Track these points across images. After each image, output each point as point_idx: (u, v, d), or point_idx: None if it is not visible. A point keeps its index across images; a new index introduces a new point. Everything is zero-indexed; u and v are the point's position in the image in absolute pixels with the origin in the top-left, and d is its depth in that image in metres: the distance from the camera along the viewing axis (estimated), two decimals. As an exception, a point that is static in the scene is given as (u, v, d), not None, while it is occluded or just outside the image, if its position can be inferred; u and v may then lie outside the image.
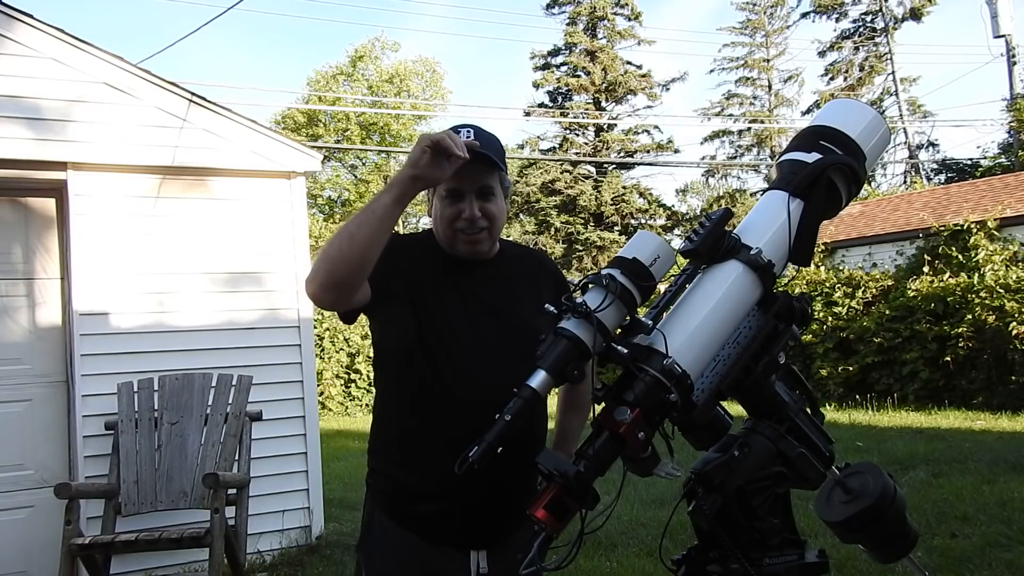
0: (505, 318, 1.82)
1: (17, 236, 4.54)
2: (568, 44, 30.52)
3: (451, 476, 1.67)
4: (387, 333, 1.85)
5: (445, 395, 1.78)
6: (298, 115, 32.12)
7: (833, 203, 1.53)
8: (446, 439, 1.70)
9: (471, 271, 1.85)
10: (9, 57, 4.28)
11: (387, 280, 1.74)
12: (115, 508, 4.17)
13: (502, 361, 1.74)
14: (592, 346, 1.36)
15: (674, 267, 1.57)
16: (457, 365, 1.78)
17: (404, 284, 1.78)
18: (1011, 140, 24.42)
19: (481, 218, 1.77)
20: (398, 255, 1.75)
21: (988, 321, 9.08)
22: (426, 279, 1.81)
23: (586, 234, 28.87)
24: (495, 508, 1.79)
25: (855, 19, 31.67)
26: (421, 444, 1.80)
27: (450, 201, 1.77)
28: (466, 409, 1.74)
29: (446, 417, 1.76)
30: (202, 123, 4.74)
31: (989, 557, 4.02)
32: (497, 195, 1.81)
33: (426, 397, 1.79)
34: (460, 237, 1.78)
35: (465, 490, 1.71)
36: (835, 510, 1.43)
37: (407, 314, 1.78)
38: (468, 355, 1.78)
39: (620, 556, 4.47)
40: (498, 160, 1.77)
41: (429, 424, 1.79)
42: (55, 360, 4.56)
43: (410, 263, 1.81)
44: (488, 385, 1.71)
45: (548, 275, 1.99)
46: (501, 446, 1.32)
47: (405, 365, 1.81)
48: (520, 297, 1.86)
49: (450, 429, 1.73)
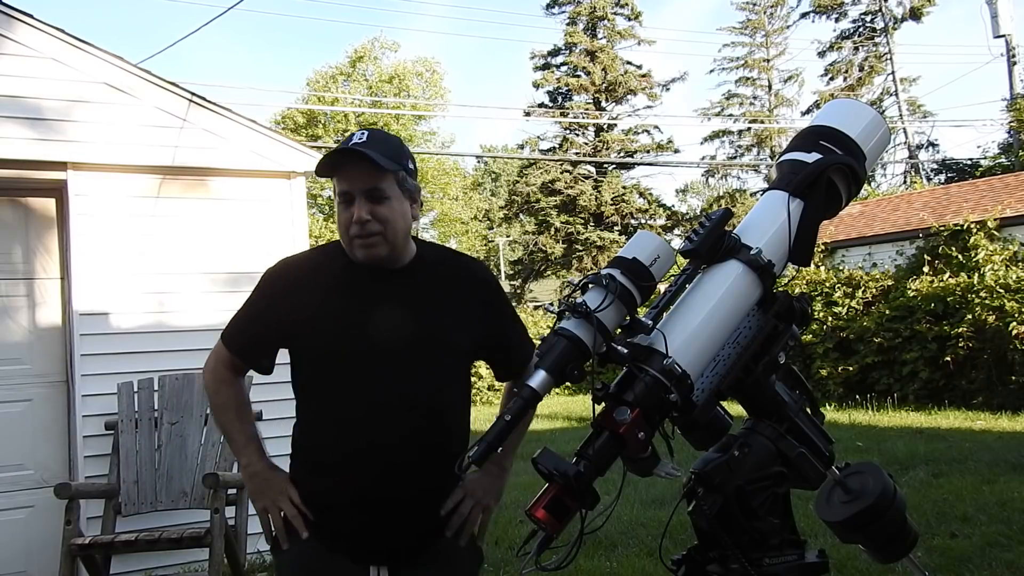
0: (409, 327, 1.77)
1: (17, 236, 4.54)
2: (568, 44, 30.53)
3: (346, 488, 1.73)
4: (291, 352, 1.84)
5: (341, 406, 1.77)
6: (298, 115, 32.11)
7: (833, 203, 1.53)
8: (342, 452, 1.76)
9: (376, 278, 1.79)
10: (9, 57, 4.28)
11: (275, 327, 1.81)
12: (115, 508, 4.16)
13: (401, 371, 1.75)
14: (592, 346, 1.36)
15: (674, 267, 1.57)
16: (354, 377, 1.75)
17: (296, 312, 1.78)
18: (1011, 140, 24.43)
19: (372, 221, 1.71)
20: (280, 292, 1.81)
21: (988, 321, 9.08)
22: (322, 294, 1.79)
23: (586, 234, 28.87)
24: (396, 524, 1.75)
25: (855, 19, 31.71)
26: (322, 454, 1.80)
27: (344, 206, 1.73)
28: (359, 420, 1.74)
29: (340, 428, 1.76)
30: (202, 123, 4.74)
31: (989, 557, 4.02)
32: (392, 197, 1.74)
33: (324, 408, 1.79)
34: (355, 242, 1.74)
35: (361, 503, 1.74)
36: (835, 510, 1.43)
37: (302, 333, 1.79)
38: (364, 366, 1.75)
39: (620, 556, 4.47)
40: (387, 161, 1.71)
41: (327, 435, 1.79)
42: (55, 360, 4.56)
43: (296, 290, 1.80)
44: (385, 395, 1.74)
45: (476, 284, 1.90)
46: (501, 445, 1.32)
47: (306, 378, 1.81)
48: (430, 306, 1.81)
49: (345, 441, 1.75)
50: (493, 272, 1.96)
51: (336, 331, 1.77)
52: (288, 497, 1.77)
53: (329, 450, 1.78)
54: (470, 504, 1.83)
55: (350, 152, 1.71)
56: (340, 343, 1.76)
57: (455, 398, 1.84)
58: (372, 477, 1.73)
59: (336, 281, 1.80)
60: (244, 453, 1.85)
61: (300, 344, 1.80)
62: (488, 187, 45.30)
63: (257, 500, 1.82)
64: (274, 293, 1.82)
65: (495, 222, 40.75)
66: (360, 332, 1.76)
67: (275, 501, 1.78)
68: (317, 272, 1.83)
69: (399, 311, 1.78)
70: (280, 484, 1.79)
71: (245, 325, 1.86)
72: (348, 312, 1.78)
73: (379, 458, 1.72)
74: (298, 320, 1.78)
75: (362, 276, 1.79)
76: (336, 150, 1.74)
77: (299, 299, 1.79)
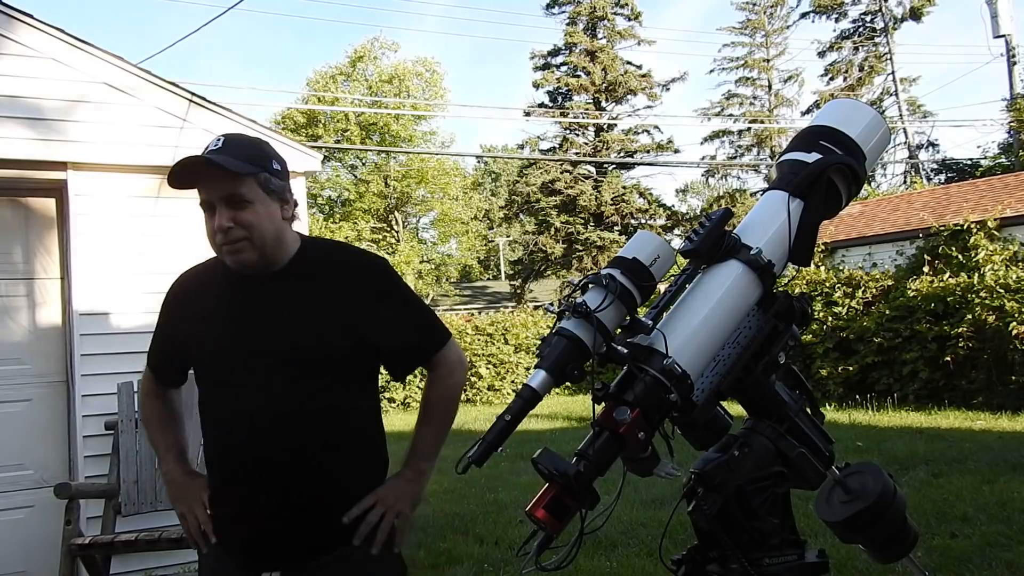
0: (278, 334, 1.73)
1: (17, 236, 4.53)
2: (568, 44, 30.51)
3: (229, 497, 1.77)
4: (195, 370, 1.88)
5: (218, 418, 1.80)
6: (298, 115, 32.12)
7: (833, 203, 1.53)
8: (223, 464, 1.80)
9: (251, 286, 1.77)
10: (9, 57, 4.28)
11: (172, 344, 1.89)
12: (115, 508, 4.16)
13: (271, 379, 1.71)
14: (592, 346, 1.36)
15: (674, 267, 1.57)
16: (228, 388, 1.76)
17: (183, 327, 1.85)
18: (1011, 140, 24.44)
19: (235, 228, 1.67)
20: (173, 308, 1.88)
21: (988, 321, 9.07)
22: (205, 305, 1.82)
23: (586, 234, 28.86)
24: (279, 532, 1.72)
25: (855, 19, 31.73)
26: (213, 466, 1.84)
27: (208, 216, 1.71)
28: (233, 432, 1.75)
29: (219, 440, 1.79)
30: (202, 123, 4.73)
31: (989, 557, 4.02)
32: (256, 201, 1.69)
33: (209, 416, 1.82)
34: (223, 250, 1.71)
35: (242, 513, 1.75)
36: (835, 510, 1.43)
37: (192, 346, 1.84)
38: (236, 376, 1.74)
39: (620, 556, 4.47)
40: (243, 165, 1.67)
41: (212, 447, 1.83)
42: (55, 360, 4.56)
43: (183, 305, 1.86)
44: (255, 405, 1.72)
45: (361, 278, 1.81)
46: (501, 445, 1.32)
47: (200, 390, 1.85)
48: (306, 309, 1.75)
49: (224, 454, 1.78)
50: (386, 263, 1.92)
51: (211, 343, 1.78)
52: (202, 503, 1.82)
53: (216, 462, 1.83)
54: (380, 511, 1.76)
55: (198, 161, 1.67)
56: (215, 355, 1.78)
57: (339, 401, 1.75)
58: (248, 487, 1.72)
59: (215, 293, 1.81)
60: (164, 460, 1.94)
61: (189, 357, 1.86)
62: (488, 187, 45.31)
63: (175, 505, 1.87)
64: (169, 310, 1.90)
65: (495, 222, 40.77)
66: (231, 342, 1.75)
67: (190, 507, 1.82)
68: (202, 285, 1.86)
69: (269, 318, 1.75)
70: (195, 490, 1.84)
71: (153, 343, 1.96)
72: (222, 324, 1.77)
73: (253, 469, 1.71)
74: (186, 335, 1.84)
75: (238, 285, 1.77)
76: (184, 160, 1.69)
77: (186, 314, 1.84)
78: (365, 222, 32.26)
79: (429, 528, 5.44)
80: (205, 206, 1.71)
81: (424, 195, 35.02)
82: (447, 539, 5.12)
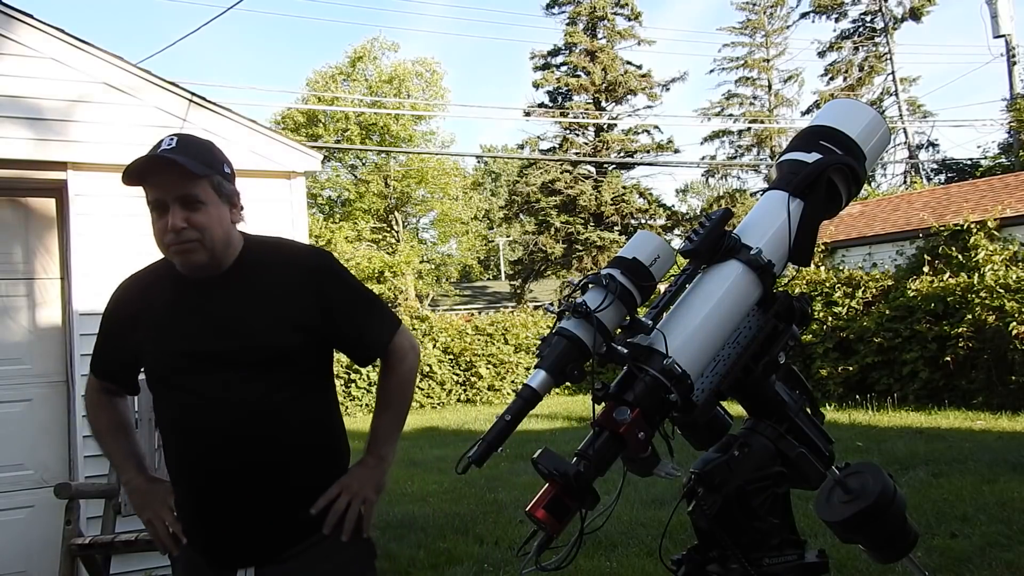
0: (224, 334, 1.75)
1: (17, 236, 4.53)
2: (568, 44, 30.51)
3: (189, 498, 1.79)
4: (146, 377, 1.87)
5: (178, 418, 1.78)
6: (298, 115, 32.13)
7: (833, 203, 1.53)
8: (178, 465, 1.82)
9: (197, 287, 1.78)
10: (9, 57, 4.28)
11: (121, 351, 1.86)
12: (115, 508, 4.16)
13: (219, 379, 1.72)
14: (592, 346, 1.36)
15: (674, 267, 1.57)
16: (178, 390, 1.76)
17: (133, 334, 1.83)
18: (1011, 140, 24.45)
19: (188, 228, 1.68)
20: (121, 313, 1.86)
21: (988, 321, 9.07)
22: (154, 309, 1.80)
23: (586, 234, 28.86)
24: (242, 528, 1.75)
25: (855, 19, 31.73)
26: (171, 468, 1.85)
27: (157, 215, 1.71)
28: (184, 433, 1.77)
29: (174, 442, 1.81)
30: (202, 123, 4.73)
31: (989, 557, 4.02)
32: (208, 203, 1.71)
33: (165, 421, 1.83)
34: (172, 250, 1.72)
35: (201, 512, 1.78)
36: (835, 510, 1.43)
37: (144, 351, 1.83)
38: (185, 378, 1.75)
39: (620, 556, 4.47)
40: (200, 166, 1.69)
41: (168, 449, 1.84)
42: (55, 360, 4.56)
43: (130, 311, 1.84)
44: (203, 406, 1.73)
45: (305, 275, 1.81)
46: (501, 445, 1.32)
47: (153, 393, 1.84)
48: (253, 310, 1.77)
49: (179, 455, 1.80)
50: (331, 255, 1.95)
51: (163, 348, 1.78)
52: (168, 507, 1.82)
53: (173, 464, 1.83)
54: (346, 499, 1.80)
55: (158, 159, 1.68)
56: (168, 360, 1.77)
57: (295, 395, 1.77)
58: (213, 489, 1.74)
59: (163, 297, 1.81)
60: (124, 470, 1.92)
61: (140, 363, 1.86)
62: (488, 187, 45.30)
63: (141, 513, 1.86)
64: (116, 317, 1.87)
65: (495, 222, 40.77)
66: (184, 346, 1.76)
67: (156, 512, 1.82)
68: (149, 289, 1.85)
69: (219, 319, 1.76)
70: (160, 495, 1.84)
71: (100, 349, 1.93)
72: (173, 328, 1.78)
73: (216, 471, 1.73)
74: (136, 341, 1.82)
75: (184, 287, 1.79)
76: (144, 157, 1.70)
77: (135, 318, 1.83)
78: (365, 222, 32.26)
79: (429, 528, 5.44)
80: (155, 205, 1.71)
81: (424, 195, 35.04)
82: (447, 539, 5.12)
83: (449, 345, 14.77)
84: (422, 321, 15.01)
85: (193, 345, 1.75)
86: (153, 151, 1.72)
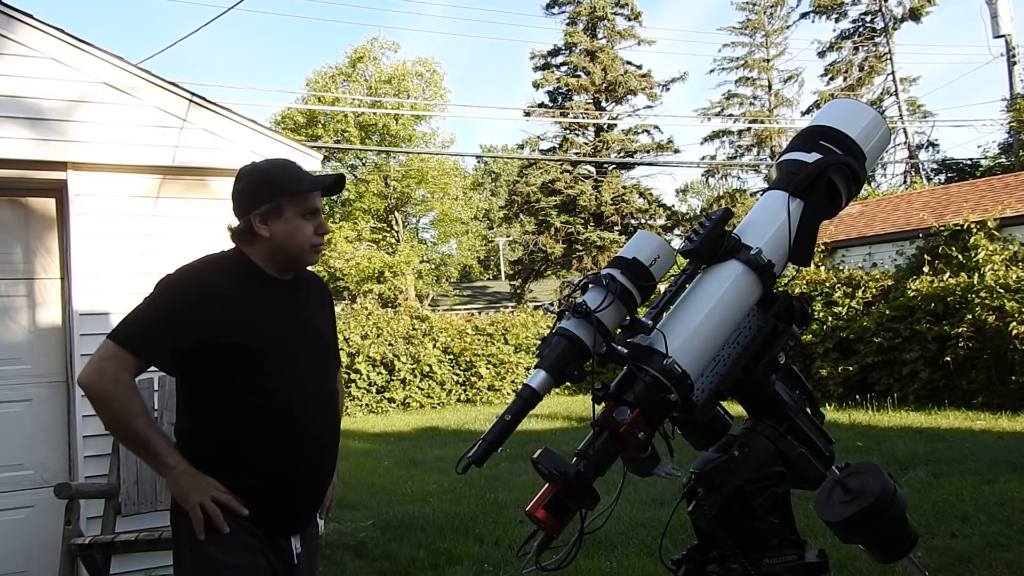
0: (311, 329, 2.09)
1: (17, 236, 4.53)
2: (568, 44, 30.50)
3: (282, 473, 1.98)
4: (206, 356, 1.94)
5: (271, 400, 1.95)
6: (298, 115, 32.11)
7: (833, 203, 1.53)
8: (277, 441, 1.96)
9: (278, 285, 2.05)
10: (9, 57, 4.28)
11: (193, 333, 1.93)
12: (115, 508, 4.16)
13: (313, 364, 2.06)
14: (592, 346, 1.36)
15: (674, 267, 1.57)
16: (280, 373, 1.96)
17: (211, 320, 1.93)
18: (1011, 140, 24.43)
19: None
20: (210, 302, 1.94)
21: (988, 321, 9.07)
22: (234, 301, 1.96)
23: (586, 234, 28.85)
24: (318, 497, 2.09)
25: (855, 19, 31.71)
26: (252, 446, 1.95)
27: (306, 220, 2.02)
28: (290, 411, 1.97)
29: (272, 420, 1.95)
30: (202, 123, 4.73)
31: (989, 557, 4.02)
32: None
33: (251, 404, 1.94)
34: (313, 250, 2.05)
35: (296, 487, 2.00)
36: (835, 510, 1.43)
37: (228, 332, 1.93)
38: (286, 362, 1.98)
39: (620, 556, 4.47)
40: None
41: (256, 428, 1.95)
42: (55, 360, 4.56)
43: (207, 292, 1.96)
44: (307, 387, 2.02)
45: (326, 292, 2.27)
46: (501, 445, 1.32)
47: (228, 379, 1.94)
48: (316, 310, 2.15)
49: (280, 431, 1.95)
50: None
51: (262, 333, 1.96)
52: (216, 486, 1.91)
53: (261, 441, 1.94)
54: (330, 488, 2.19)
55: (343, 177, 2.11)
56: (268, 344, 1.96)
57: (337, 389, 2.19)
58: (306, 461, 1.99)
59: (246, 288, 2.00)
60: (169, 455, 1.92)
61: (224, 346, 1.92)
62: (488, 187, 45.30)
63: (190, 497, 1.89)
64: (189, 300, 1.95)
65: (495, 222, 40.76)
66: (281, 332, 2.00)
67: (208, 493, 1.89)
68: (224, 281, 2.00)
69: (302, 312, 2.08)
70: (208, 479, 1.92)
71: (160, 331, 1.95)
72: (267, 315, 2.00)
73: (311, 443, 2.00)
74: (220, 324, 1.92)
75: (266, 283, 2.03)
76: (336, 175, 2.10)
77: (216, 305, 1.94)
78: (365, 222, 32.24)
79: (429, 528, 5.44)
80: (312, 212, 2.03)
81: (424, 195, 35.02)
82: (447, 539, 5.12)
83: (449, 345, 14.77)
84: (422, 321, 15.00)
85: (292, 332, 2.02)
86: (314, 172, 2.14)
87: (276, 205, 1.99)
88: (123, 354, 1.92)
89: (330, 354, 2.17)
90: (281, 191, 1.99)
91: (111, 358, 1.92)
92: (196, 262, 2.06)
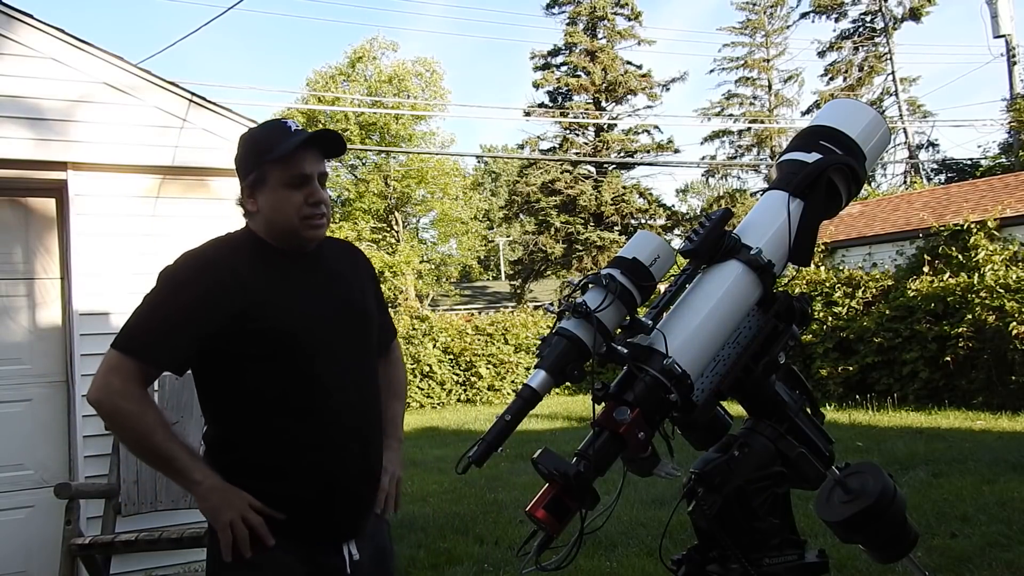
0: (341, 300, 1.83)
1: (17, 236, 4.53)
2: (568, 44, 30.50)
3: (330, 472, 1.74)
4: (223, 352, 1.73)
5: (304, 396, 1.73)
6: (298, 115, 32.11)
7: (833, 203, 1.53)
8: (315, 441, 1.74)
9: (294, 262, 1.80)
10: (9, 57, 4.28)
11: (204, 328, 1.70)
12: (115, 508, 4.16)
13: (346, 350, 1.79)
14: (592, 346, 1.36)
15: (674, 267, 1.57)
16: (310, 364, 1.73)
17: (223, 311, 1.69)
18: (1011, 140, 24.43)
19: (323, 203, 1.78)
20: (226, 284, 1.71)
21: (988, 321, 9.07)
22: (248, 286, 1.72)
23: (586, 234, 28.85)
24: (365, 497, 1.83)
25: (855, 19, 31.71)
26: (287, 450, 1.73)
27: (294, 189, 1.74)
28: (327, 406, 1.75)
29: (308, 418, 1.73)
30: (202, 123, 4.73)
31: (989, 557, 4.02)
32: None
33: (281, 402, 1.73)
34: (309, 223, 1.76)
35: (345, 485, 1.77)
36: (835, 510, 1.43)
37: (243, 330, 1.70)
38: (321, 342, 1.75)
39: (620, 556, 4.47)
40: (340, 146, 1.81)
41: (290, 429, 1.73)
42: (55, 360, 4.56)
43: (243, 280, 1.73)
44: (342, 376, 1.78)
45: (362, 259, 1.99)
46: (501, 445, 1.32)
47: (249, 376, 1.73)
48: (347, 278, 1.88)
49: (316, 430, 1.74)
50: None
51: (288, 312, 1.73)
52: (250, 505, 1.69)
53: (297, 439, 1.73)
54: (390, 481, 1.93)
55: (331, 132, 1.78)
56: (298, 324, 1.73)
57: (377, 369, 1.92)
58: (350, 459, 1.77)
59: (262, 267, 1.76)
60: (196, 469, 1.70)
61: (250, 332, 1.70)
62: (488, 187, 45.29)
63: (221, 514, 1.67)
64: (199, 286, 1.71)
65: (495, 222, 40.76)
66: (311, 309, 1.77)
67: (240, 512, 1.68)
68: (238, 259, 1.76)
69: (326, 291, 1.81)
70: (240, 494, 1.69)
71: (167, 330, 1.72)
72: (290, 294, 1.76)
73: (353, 439, 1.77)
74: (241, 307, 1.69)
75: (280, 261, 1.79)
76: (318, 130, 1.77)
77: (234, 287, 1.71)
78: (365, 222, 32.24)
79: (429, 528, 5.44)
80: (299, 180, 1.74)
81: (424, 195, 35.01)
82: (447, 539, 5.12)
83: (449, 345, 14.77)
84: (422, 321, 15.00)
85: (323, 313, 1.77)
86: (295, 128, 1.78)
87: (261, 174, 1.75)
88: (129, 363, 1.69)
89: (368, 328, 1.86)
90: (262, 156, 1.74)
91: (116, 369, 1.69)
92: (201, 245, 1.81)
